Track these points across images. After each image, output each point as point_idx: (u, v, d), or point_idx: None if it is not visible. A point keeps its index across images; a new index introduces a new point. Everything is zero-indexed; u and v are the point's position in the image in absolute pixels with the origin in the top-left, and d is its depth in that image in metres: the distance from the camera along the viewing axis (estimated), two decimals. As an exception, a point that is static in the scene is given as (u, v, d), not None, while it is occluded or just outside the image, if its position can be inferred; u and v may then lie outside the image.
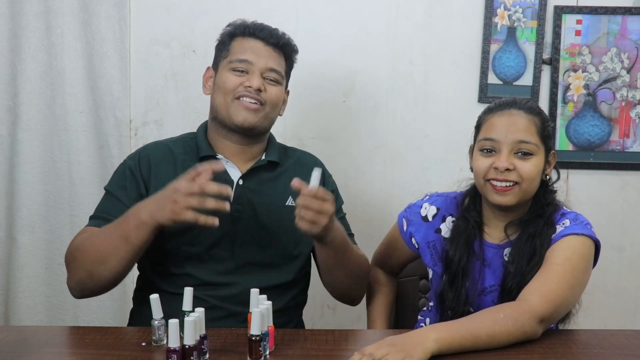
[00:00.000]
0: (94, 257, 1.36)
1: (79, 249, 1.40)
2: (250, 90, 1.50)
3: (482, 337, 1.21)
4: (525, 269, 1.37)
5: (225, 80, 1.52)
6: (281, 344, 1.25)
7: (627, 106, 2.20)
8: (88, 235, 1.42)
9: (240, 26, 1.58)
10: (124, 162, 1.57)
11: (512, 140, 1.37)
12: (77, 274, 1.40)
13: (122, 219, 1.37)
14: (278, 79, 1.55)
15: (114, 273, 1.37)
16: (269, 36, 1.55)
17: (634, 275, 2.29)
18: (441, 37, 2.19)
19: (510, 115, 1.40)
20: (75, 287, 1.42)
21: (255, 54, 1.53)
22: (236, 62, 1.53)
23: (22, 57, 2.11)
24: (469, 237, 1.46)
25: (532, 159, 1.38)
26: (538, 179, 1.40)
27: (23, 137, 2.13)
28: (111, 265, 1.36)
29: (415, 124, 2.22)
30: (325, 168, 1.69)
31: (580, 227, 1.38)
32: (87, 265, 1.37)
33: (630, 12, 2.16)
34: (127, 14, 2.14)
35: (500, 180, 1.38)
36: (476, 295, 1.45)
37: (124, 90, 2.16)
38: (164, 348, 1.18)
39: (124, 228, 1.35)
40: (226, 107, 1.52)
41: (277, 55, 1.56)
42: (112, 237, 1.36)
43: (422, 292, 1.75)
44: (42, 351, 1.20)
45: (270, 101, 1.53)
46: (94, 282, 1.39)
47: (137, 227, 1.33)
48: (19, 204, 2.15)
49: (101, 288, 1.42)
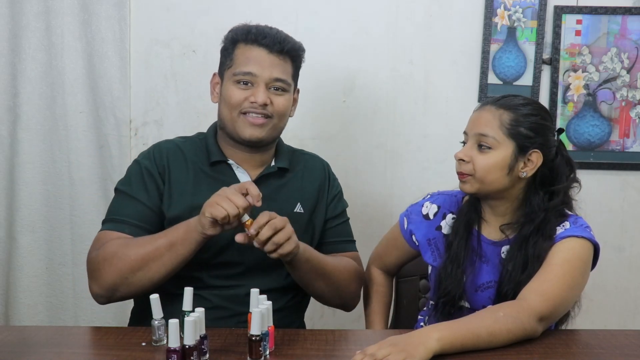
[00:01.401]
0: (135, 263, 1.35)
1: (116, 254, 1.37)
2: (255, 106, 1.47)
3: (483, 336, 1.21)
4: (519, 279, 1.38)
5: (231, 95, 1.49)
6: (281, 344, 1.25)
7: (627, 106, 2.20)
8: (126, 242, 1.40)
9: (243, 32, 1.51)
10: (138, 162, 1.53)
11: (474, 133, 1.43)
12: (109, 279, 1.37)
13: (172, 228, 1.38)
14: (284, 87, 1.51)
15: (152, 281, 1.36)
16: (272, 43, 1.48)
17: (634, 275, 2.29)
18: (441, 37, 2.19)
19: (482, 111, 1.45)
20: (104, 293, 1.39)
21: (258, 65, 1.48)
22: (240, 74, 1.48)
23: (22, 57, 2.11)
24: (470, 221, 1.48)
25: (490, 153, 1.40)
26: (497, 172, 1.40)
27: (23, 137, 2.13)
28: (152, 273, 1.35)
29: (415, 124, 2.22)
30: (332, 170, 1.68)
31: (579, 230, 1.39)
32: (125, 271, 1.35)
33: (630, 12, 2.16)
34: (127, 14, 2.14)
35: (459, 174, 1.45)
36: (472, 290, 1.46)
37: (124, 90, 2.16)
38: (164, 348, 1.18)
39: (173, 235, 1.35)
40: (232, 122, 1.50)
41: (282, 62, 1.50)
42: (158, 243, 1.35)
43: (422, 292, 1.76)
44: (42, 351, 1.20)
45: (277, 113, 1.50)
46: (129, 288, 1.37)
47: (186, 233, 1.34)
48: (19, 204, 2.15)
49: (132, 294, 1.41)
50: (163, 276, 1.37)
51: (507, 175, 1.41)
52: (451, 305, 1.44)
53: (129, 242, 1.40)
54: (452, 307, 1.44)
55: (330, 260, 1.50)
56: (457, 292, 1.44)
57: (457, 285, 1.44)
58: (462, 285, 1.44)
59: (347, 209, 1.69)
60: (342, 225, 1.64)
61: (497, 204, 1.46)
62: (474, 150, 1.42)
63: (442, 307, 1.45)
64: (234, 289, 1.47)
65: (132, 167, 1.55)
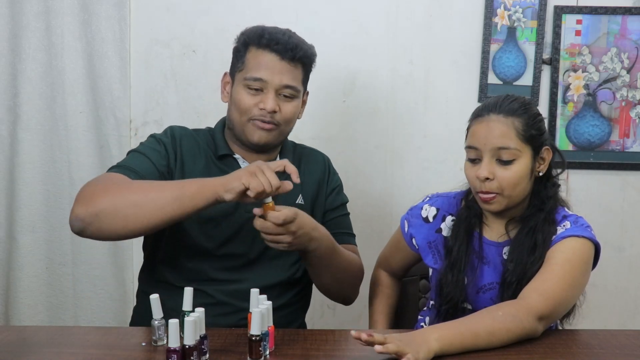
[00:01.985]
0: (133, 196, 1.29)
1: (117, 184, 1.32)
2: (264, 113, 1.47)
3: (482, 335, 1.21)
4: (525, 261, 1.38)
5: (241, 99, 1.49)
6: (281, 344, 1.25)
7: (627, 106, 2.20)
8: (132, 181, 1.35)
9: (255, 35, 1.51)
10: (153, 135, 1.53)
11: (491, 148, 1.37)
12: (99, 204, 1.29)
13: (184, 181, 1.34)
14: (294, 94, 1.51)
15: (139, 223, 1.29)
16: (284, 50, 1.48)
17: (634, 275, 2.29)
18: (441, 37, 2.19)
19: (489, 122, 1.38)
20: (86, 218, 1.30)
21: (269, 71, 1.47)
22: (250, 80, 1.48)
23: (22, 57, 2.11)
24: (470, 226, 1.47)
25: (514, 165, 1.37)
26: (523, 182, 1.39)
27: (23, 137, 2.13)
28: (144, 213, 1.28)
29: (415, 124, 2.22)
30: (332, 165, 1.70)
31: (580, 229, 1.39)
32: (119, 201, 1.28)
33: (630, 12, 2.16)
34: (127, 14, 2.14)
35: (484, 193, 1.38)
36: (474, 292, 1.46)
37: (124, 90, 2.16)
38: (164, 348, 1.18)
39: (184, 187, 1.29)
40: (241, 126, 1.51)
41: (293, 68, 1.50)
42: (166, 188, 1.30)
43: (422, 292, 1.76)
44: (42, 351, 1.20)
45: (284, 120, 1.51)
46: (112, 222, 1.29)
47: (200, 188, 1.28)
48: (19, 204, 2.15)
49: (111, 232, 1.31)
50: (153, 223, 1.29)
51: (530, 181, 1.41)
52: (454, 308, 1.44)
53: (139, 181, 1.36)
54: (455, 310, 1.44)
55: (344, 252, 1.52)
56: (460, 297, 1.43)
57: (459, 290, 1.43)
58: (463, 289, 1.44)
59: (347, 208, 1.69)
60: (342, 218, 1.65)
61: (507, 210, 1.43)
62: (494, 165, 1.37)
63: (444, 312, 1.45)
64: (237, 284, 1.47)
65: (147, 139, 1.54)
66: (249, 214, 1.48)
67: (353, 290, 1.59)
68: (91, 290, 2.19)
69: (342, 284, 1.53)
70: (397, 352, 1.10)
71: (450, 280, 1.44)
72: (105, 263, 2.19)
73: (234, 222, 1.49)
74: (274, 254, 1.51)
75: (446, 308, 1.44)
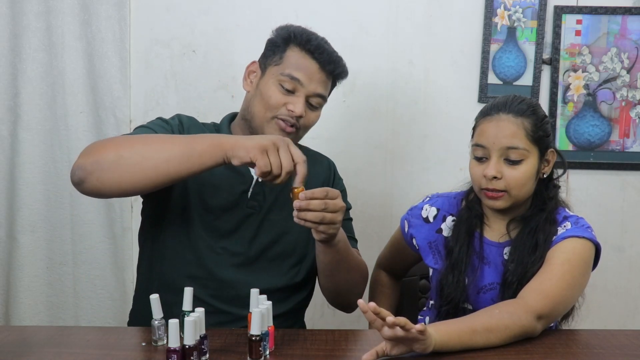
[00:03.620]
0: (141, 148, 1.24)
1: (125, 137, 1.28)
2: (291, 114, 1.45)
3: (480, 331, 1.21)
4: (526, 261, 1.38)
5: (271, 95, 1.46)
6: (281, 344, 1.25)
7: (627, 106, 2.20)
8: (139, 135, 1.31)
9: (301, 36, 1.48)
10: (161, 118, 1.50)
11: (500, 147, 1.37)
12: (102, 153, 1.24)
13: (197, 136, 1.26)
14: (320, 103, 1.51)
15: (141, 177, 1.23)
16: (327, 62, 1.48)
17: (634, 275, 2.29)
18: (441, 37, 2.19)
19: (499, 121, 1.39)
20: (86, 167, 1.25)
21: (307, 76, 1.46)
22: (287, 77, 1.45)
23: (23, 57, 2.11)
24: (471, 227, 1.47)
25: (522, 165, 1.38)
26: (530, 183, 1.40)
27: (24, 137, 2.13)
28: (149, 166, 1.22)
29: (415, 124, 2.22)
30: (337, 170, 1.69)
31: (581, 230, 1.39)
32: (124, 151, 1.23)
33: (630, 12, 2.16)
34: (127, 14, 2.14)
35: (490, 190, 1.39)
36: (475, 292, 1.46)
37: (124, 90, 2.16)
38: (164, 348, 1.18)
39: (194, 143, 1.23)
40: (262, 121, 1.48)
41: (328, 80, 1.51)
42: (175, 143, 1.24)
43: (422, 292, 1.76)
44: (42, 351, 1.20)
45: (305, 126, 1.51)
46: (114, 172, 1.23)
47: (211, 147, 1.22)
48: (20, 204, 2.15)
49: (112, 185, 1.25)
50: (157, 178, 1.24)
51: (535, 181, 1.42)
52: (454, 309, 1.44)
53: (150, 134, 1.32)
54: (456, 310, 1.44)
55: (353, 250, 1.50)
56: (460, 297, 1.43)
57: (459, 291, 1.44)
58: (464, 289, 1.44)
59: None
60: (345, 222, 1.64)
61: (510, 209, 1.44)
62: (501, 164, 1.38)
63: (445, 312, 1.45)
64: (235, 289, 1.45)
65: (154, 119, 1.50)
66: (250, 209, 1.49)
67: (359, 293, 1.56)
68: (91, 290, 2.19)
69: (352, 285, 1.51)
70: (405, 325, 1.09)
71: (451, 280, 1.44)
72: (105, 263, 2.19)
73: (235, 216, 1.47)
74: (274, 255, 1.51)
75: (447, 308, 1.44)
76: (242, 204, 1.49)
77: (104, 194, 1.30)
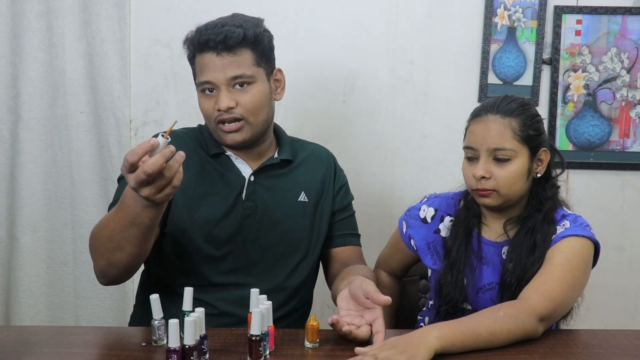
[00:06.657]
0: (110, 245, 1.28)
1: (95, 237, 1.32)
2: (222, 113, 1.44)
3: (483, 335, 1.21)
4: (525, 261, 1.38)
5: (201, 106, 1.49)
6: (281, 344, 1.25)
7: (627, 106, 2.20)
8: (101, 224, 1.33)
9: (191, 42, 1.48)
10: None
11: (487, 148, 1.39)
12: (98, 263, 1.33)
13: (129, 202, 1.21)
14: (247, 81, 1.45)
15: (132, 256, 1.29)
16: (215, 44, 1.42)
17: (634, 275, 2.29)
18: (441, 37, 2.19)
19: (486, 122, 1.40)
20: (100, 275, 1.36)
21: (212, 71, 1.44)
22: (201, 85, 1.47)
23: (24, 57, 2.12)
24: (469, 227, 1.47)
25: (510, 165, 1.38)
26: (520, 182, 1.40)
27: (24, 137, 2.14)
28: (128, 250, 1.27)
29: (415, 124, 2.22)
30: (337, 162, 1.69)
31: (580, 228, 1.39)
32: (105, 254, 1.29)
33: (630, 12, 2.16)
34: (127, 14, 2.14)
35: (481, 190, 1.40)
36: (474, 292, 1.46)
37: (124, 90, 2.16)
38: (164, 348, 1.18)
39: (132, 211, 1.21)
40: (214, 131, 1.50)
41: (236, 56, 1.44)
42: (122, 221, 1.24)
43: (422, 292, 1.76)
44: (43, 351, 1.20)
45: (247, 111, 1.45)
46: (116, 269, 1.31)
47: (145, 207, 1.19)
48: (20, 204, 2.15)
49: (123, 274, 1.34)
50: (140, 251, 1.28)
51: (527, 180, 1.42)
52: (453, 309, 1.44)
53: (103, 222, 1.32)
54: (455, 310, 1.44)
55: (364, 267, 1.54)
56: (459, 297, 1.44)
57: (458, 291, 1.44)
58: (463, 289, 1.44)
59: (348, 207, 1.69)
60: (349, 219, 1.65)
61: (504, 208, 1.45)
62: (490, 164, 1.39)
63: (444, 312, 1.45)
64: (240, 290, 1.44)
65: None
66: (247, 210, 1.49)
67: None
68: (92, 290, 2.19)
69: None
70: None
71: (449, 280, 1.45)
72: (105, 263, 2.19)
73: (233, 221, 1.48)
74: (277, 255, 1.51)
75: (446, 309, 1.44)
76: (239, 207, 1.49)
77: (125, 278, 1.39)
